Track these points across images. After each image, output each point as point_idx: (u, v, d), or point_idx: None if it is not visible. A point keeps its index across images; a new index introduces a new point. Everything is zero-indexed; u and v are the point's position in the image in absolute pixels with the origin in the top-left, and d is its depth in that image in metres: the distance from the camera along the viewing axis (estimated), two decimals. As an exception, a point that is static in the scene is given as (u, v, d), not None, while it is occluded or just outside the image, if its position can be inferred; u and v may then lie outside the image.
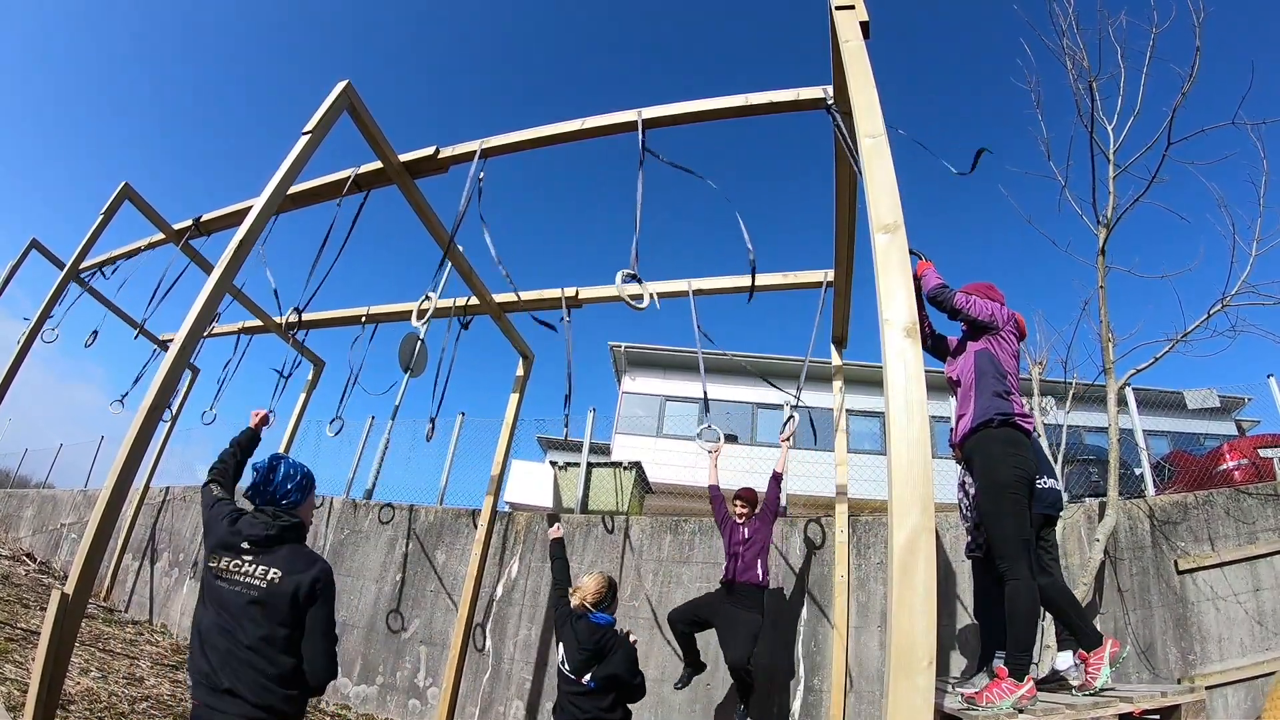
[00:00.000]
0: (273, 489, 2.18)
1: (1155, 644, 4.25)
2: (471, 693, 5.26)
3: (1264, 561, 4.35)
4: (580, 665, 3.16)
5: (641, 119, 3.11)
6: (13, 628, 5.09)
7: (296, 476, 2.23)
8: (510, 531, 5.86)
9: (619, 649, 3.20)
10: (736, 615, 3.92)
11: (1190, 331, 4.81)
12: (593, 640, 3.18)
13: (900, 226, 1.74)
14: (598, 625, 3.23)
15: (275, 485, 2.19)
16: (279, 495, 2.18)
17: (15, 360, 5.31)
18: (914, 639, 1.29)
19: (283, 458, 2.28)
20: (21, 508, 12.52)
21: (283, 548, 2.09)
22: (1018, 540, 2.63)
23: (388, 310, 5.29)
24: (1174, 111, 4.84)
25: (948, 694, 2.79)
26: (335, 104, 3.22)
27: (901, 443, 1.45)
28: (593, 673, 3.13)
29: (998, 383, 2.87)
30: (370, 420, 7.89)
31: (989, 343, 2.99)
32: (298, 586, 2.00)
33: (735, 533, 4.17)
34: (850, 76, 2.10)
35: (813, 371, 3.82)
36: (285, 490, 2.19)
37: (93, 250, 5.37)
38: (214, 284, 2.78)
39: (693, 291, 4.29)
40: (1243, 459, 5.94)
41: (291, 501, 2.20)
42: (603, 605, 3.29)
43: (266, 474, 2.20)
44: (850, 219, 3.39)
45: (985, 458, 2.78)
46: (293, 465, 2.26)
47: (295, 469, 2.25)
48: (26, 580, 7.80)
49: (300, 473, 2.25)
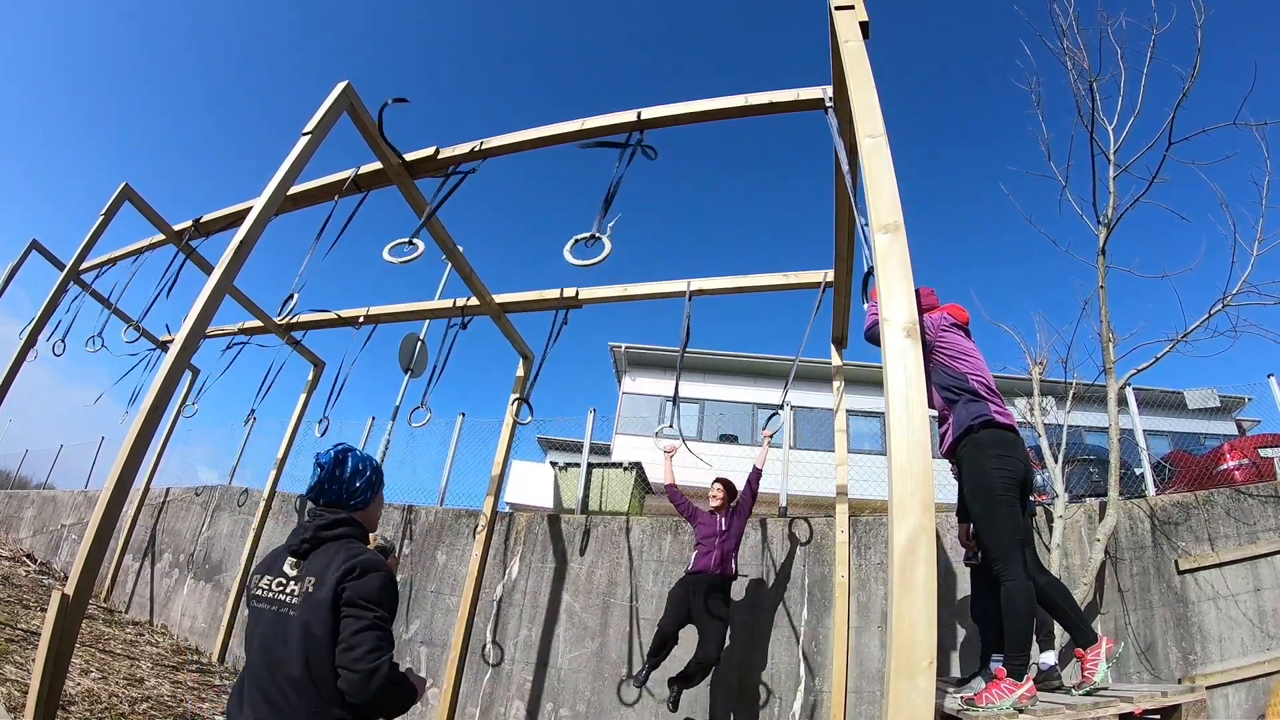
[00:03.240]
0: (339, 487, 1.83)
1: (1156, 644, 4.25)
2: (472, 693, 5.26)
3: (1264, 561, 4.35)
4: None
5: (641, 119, 3.11)
6: (13, 628, 5.08)
7: (367, 472, 1.88)
8: (510, 532, 5.86)
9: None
10: (715, 611, 3.93)
11: (1191, 331, 4.81)
12: None
13: (900, 226, 1.74)
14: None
15: (344, 482, 1.83)
16: (346, 494, 1.83)
17: (15, 362, 5.31)
18: (914, 639, 1.29)
19: (351, 450, 1.91)
20: (22, 509, 12.52)
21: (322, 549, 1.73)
22: (1011, 541, 2.62)
23: (387, 311, 5.29)
24: (1175, 111, 4.85)
25: (948, 694, 2.78)
26: (335, 104, 3.22)
27: (901, 443, 1.45)
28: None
29: (961, 391, 2.86)
30: (370, 421, 7.90)
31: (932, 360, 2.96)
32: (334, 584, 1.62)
33: (708, 523, 4.16)
34: (850, 77, 2.10)
35: (813, 371, 3.82)
36: (354, 488, 1.85)
37: (93, 251, 5.37)
38: (214, 285, 2.78)
39: (691, 292, 4.30)
40: (1243, 459, 5.94)
41: (361, 501, 1.87)
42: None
43: (333, 469, 1.83)
44: (850, 219, 3.39)
45: (971, 463, 2.78)
46: (362, 459, 1.91)
47: (365, 463, 1.90)
48: (27, 581, 7.80)
49: (370, 467, 1.91)
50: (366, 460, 1.91)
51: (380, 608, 1.62)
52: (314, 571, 1.67)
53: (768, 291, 4.31)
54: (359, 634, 1.56)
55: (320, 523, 1.76)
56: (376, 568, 1.67)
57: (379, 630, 1.59)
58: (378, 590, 1.63)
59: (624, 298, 4.66)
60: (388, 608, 1.65)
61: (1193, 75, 4.84)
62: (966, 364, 2.93)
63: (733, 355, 14.07)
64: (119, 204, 5.20)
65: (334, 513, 1.80)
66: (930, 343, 2.97)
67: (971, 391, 2.84)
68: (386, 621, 1.63)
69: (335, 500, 1.83)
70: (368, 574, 1.64)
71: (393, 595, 1.69)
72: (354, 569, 1.64)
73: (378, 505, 1.96)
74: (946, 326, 3.03)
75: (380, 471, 1.96)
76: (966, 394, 2.85)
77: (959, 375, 2.89)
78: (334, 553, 1.70)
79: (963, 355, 2.96)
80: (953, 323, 3.07)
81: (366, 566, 1.65)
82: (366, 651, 1.54)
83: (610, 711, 4.87)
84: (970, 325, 3.18)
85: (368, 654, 1.54)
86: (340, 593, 1.61)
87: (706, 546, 4.09)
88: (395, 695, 1.61)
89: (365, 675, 1.52)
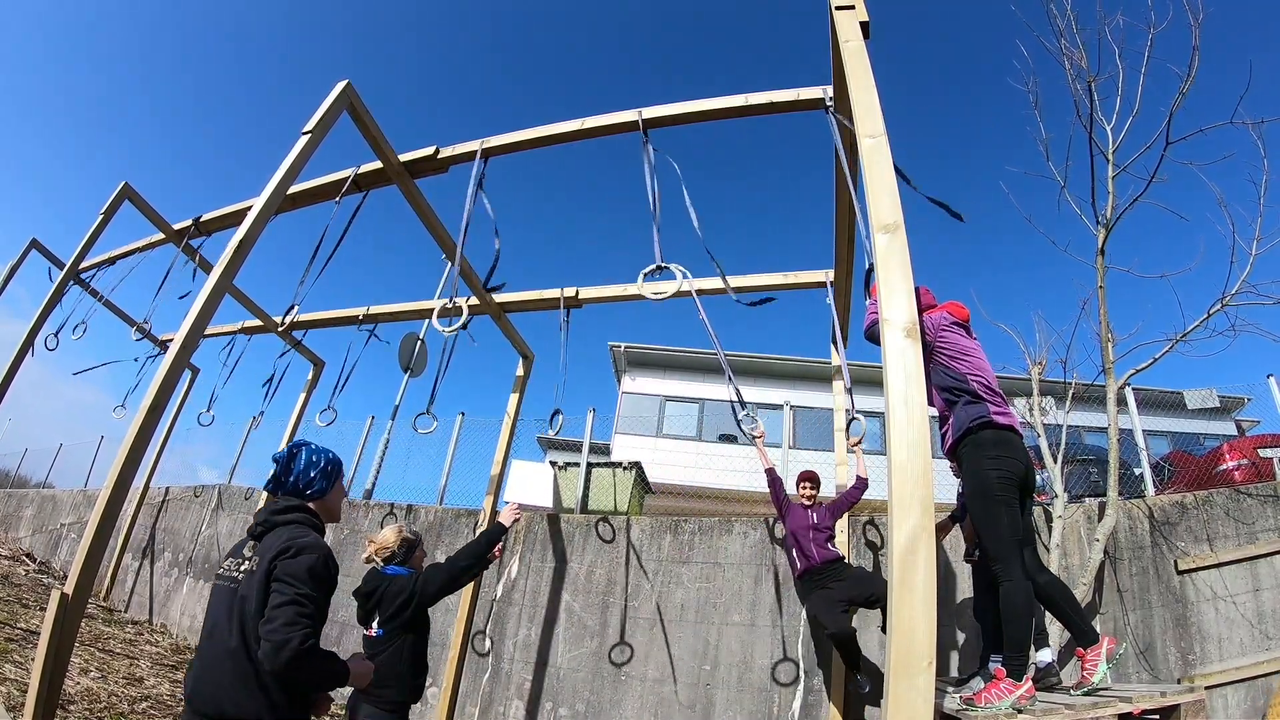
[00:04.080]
0: (294, 479, 1.96)
1: (1155, 644, 4.25)
2: (471, 692, 5.26)
3: (1264, 561, 4.35)
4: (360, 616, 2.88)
5: (642, 119, 3.11)
6: (12, 628, 5.08)
7: (320, 463, 2.01)
8: (510, 531, 5.85)
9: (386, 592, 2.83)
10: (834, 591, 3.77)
11: (1190, 331, 4.81)
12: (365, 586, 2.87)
13: (900, 226, 1.74)
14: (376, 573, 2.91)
15: (297, 475, 1.97)
16: (302, 485, 1.96)
17: (15, 360, 5.31)
18: (914, 639, 1.29)
19: (305, 444, 2.04)
20: (21, 508, 12.52)
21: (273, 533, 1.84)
22: (1010, 541, 2.62)
23: (386, 310, 5.30)
24: (1173, 111, 4.85)
25: (947, 694, 2.79)
26: (335, 104, 3.22)
27: (901, 443, 1.45)
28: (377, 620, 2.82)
29: (961, 393, 2.86)
30: (370, 420, 7.90)
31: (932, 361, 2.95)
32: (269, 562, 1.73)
33: (801, 515, 4.06)
34: (850, 77, 2.10)
35: (813, 371, 3.83)
36: (309, 479, 1.97)
37: (93, 250, 5.38)
38: (213, 284, 2.78)
39: (695, 291, 4.29)
40: (1242, 459, 5.95)
41: (317, 490, 1.98)
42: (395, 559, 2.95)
43: (286, 463, 1.98)
44: (850, 219, 3.39)
45: (970, 463, 2.77)
46: (316, 451, 2.04)
47: (319, 455, 2.02)
48: (26, 580, 7.79)
49: (325, 459, 2.03)
50: (321, 453, 2.03)
51: (305, 586, 1.70)
52: (261, 552, 1.79)
53: (767, 291, 4.31)
54: (278, 608, 1.66)
55: (274, 509, 1.90)
56: (311, 550, 1.76)
57: (298, 606, 1.66)
58: (305, 570, 1.72)
59: (624, 297, 4.67)
60: (313, 588, 1.72)
61: (1190, 75, 4.84)
62: (967, 364, 2.91)
63: (732, 355, 14.07)
64: (119, 203, 5.21)
65: (289, 501, 1.92)
66: (930, 343, 2.95)
67: (971, 392, 2.83)
68: (310, 600, 1.70)
69: (292, 491, 1.95)
70: (301, 554, 1.74)
71: (324, 577, 1.77)
72: (289, 548, 1.74)
73: (337, 494, 2.06)
74: (946, 325, 3.01)
75: (336, 463, 2.07)
76: (966, 395, 2.84)
77: (959, 376, 2.88)
78: (280, 535, 1.81)
79: (963, 355, 2.94)
80: (953, 321, 3.04)
81: (301, 548, 1.75)
82: (281, 624, 1.63)
83: (609, 710, 4.87)
84: (970, 321, 3.16)
85: (282, 626, 1.63)
86: (273, 569, 1.72)
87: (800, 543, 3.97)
88: (310, 671, 1.69)
89: (276, 646, 1.61)
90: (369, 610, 2.89)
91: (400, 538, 3.01)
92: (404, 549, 3.00)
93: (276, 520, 1.88)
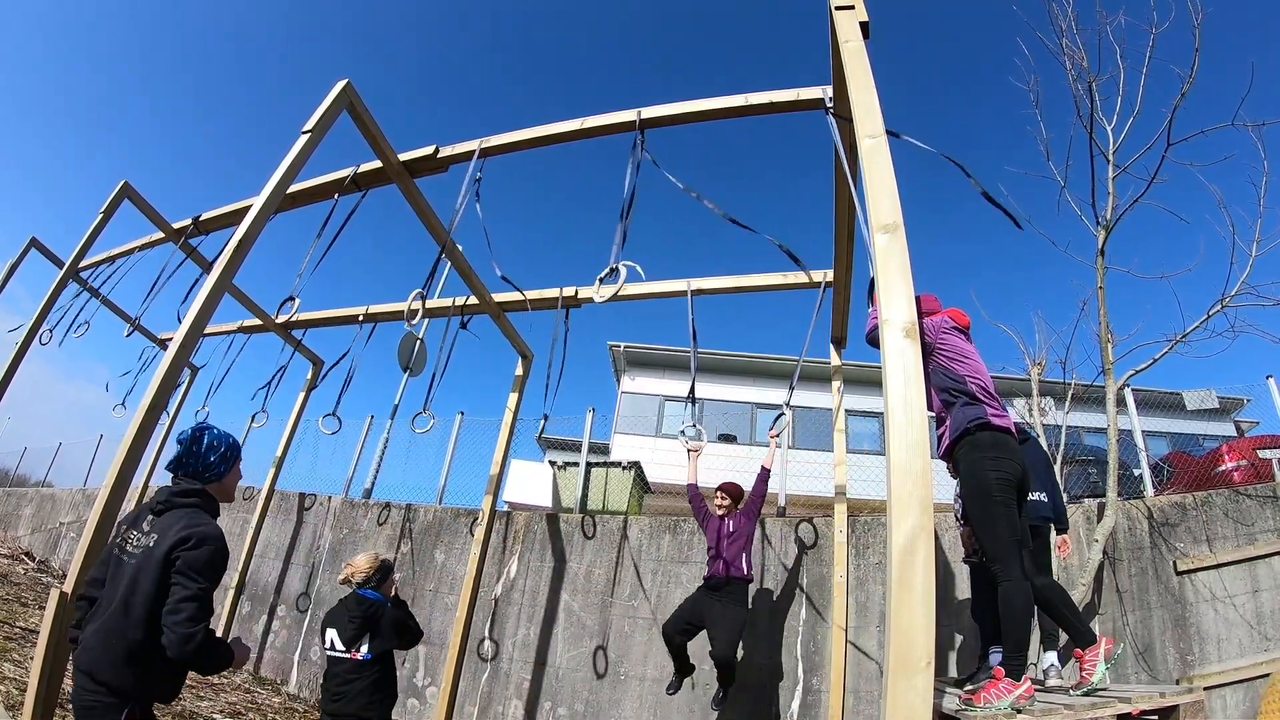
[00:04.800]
0: (195, 460, 2.07)
1: (1154, 645, 4.25)
2: (470, 692, 5.26)
3: (1262, 562, 4.35)
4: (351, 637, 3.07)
5: (641, 119, 3.11)
6: (11, 626, 5.08)
7: (221, 448, 2.11)
8: (509, 531, 5.86)
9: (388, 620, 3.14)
10: (725, 611, 3.91)
11: (1189, 332, 4.82)
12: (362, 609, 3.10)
13: (900, 226, 1.74)
14: (365, 597, 3.16)
15: (199, 457, 2.08)
16: (202, 468, 2.07)
17: (14, 360, 5.31)
18: (913, 639, 1.29)
19: (207, 428, 2.15)
20: (20, 506, 12.51)
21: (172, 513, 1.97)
22: (1009, 541, 2.63)
23: (385, 309, 5.29)
24: (1173, 112, 4.85)
25: (946, 695, 2.79)
26: (335, 103, 3.22)
27: (900, 443, 1.45)
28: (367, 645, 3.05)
29: (959, 394, 2.88)
30: (369, 419, 7.89)
31: (932, 362, 2.98)
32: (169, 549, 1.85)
33: (720, 527, 4.15)
34: (850, 77, 2.09)
35: (813, 372, 3.83)
36: (209, 462, 2.08)
37: (92, 249, 5.37)
38: (213, 283, 2.78)
39: (691, 291, 4.30)
40: (1242, 460, 5.94)
41: (215, 474, 2.09)
42: (370, 584, 3.20)
43: (189, 445, 2.08)
44: (849, 219, 3.39)
45: (968, 464, 2.79)
46: (218, 436, 2.14)
47: (220, 439, 2.13)
48: (25, 579, 7.79)
49: (225, 443, 2.13)
50: (222, 437, 2.15)
51: (204, 580, 1.87)
52: (160, 530, 1.92)
53: (768, 291, 4.31)
54: (184, 601, 1.82)
55: (175, 490, 2.03)
56: (210, 541, 1.91)
57: (199, 601, 1.85)
58: (205, 563, 1.88)
59: (624, 297, 4.66)
60: (210, 579, 1.90)
61: (1191, 76, 4.85)
62: (965, 366, 2.94)
63: (733, 355, 14.07)
64: (118, 202, 5.20)
65: (190, 483, 2.05)
66: (930, 344, 2.99)
67: (969, 394, 2.86)
68: (208, 592, 1.88)
69: (192, 473, 2.07)
70: (201, 546, 1.88)
71: (220, 566, 1.94)
72: (190, 538, 1.87)
73: (233, 478, 2.19)
74: (947, 329, 3.05)
75: (236, 447, 2.19)
76: (964, 396, 2.86)
77: (958, 378, 2.90)
78: (179, 518, 1.94)
79: (962, 358, 2.97)
80: (953, 326, 3.09)
81: (202, 539, 1.89)
82: (186, 619, 1.81)
83: (608, 710, 4.87)
84: (970, 329, 3.20)
85: (187, 620, 1.81)
86: (174, 558, 1.85)
87: (714, 553, 4.09)
88: (210, 659, 1.90)
89: (183, 639, 1.80)
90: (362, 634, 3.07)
91: (376, 565, 3.24)
92: (378, 574, 3.23)
93: (176, 502, 2.01)
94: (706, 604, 4.00)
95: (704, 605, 4.01)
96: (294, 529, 6.94)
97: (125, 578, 1.88)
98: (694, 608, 4.05)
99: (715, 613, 3.93)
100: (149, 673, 1.87)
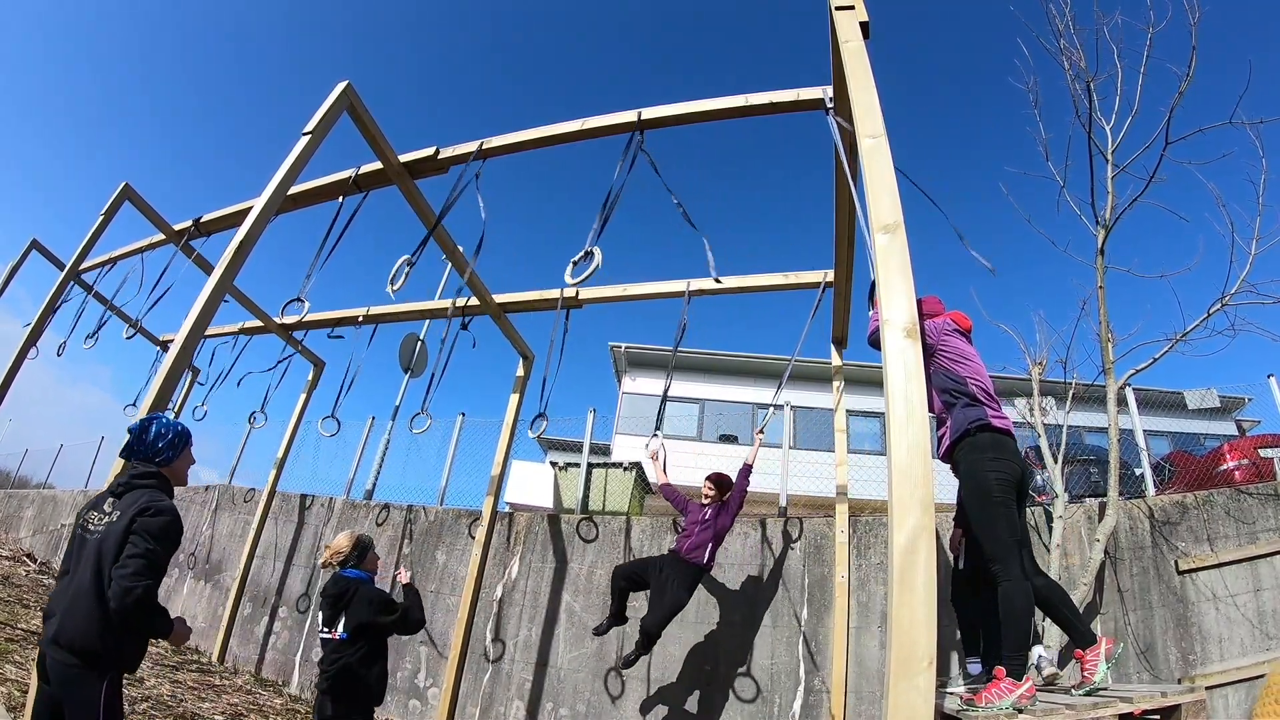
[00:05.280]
0: (145, 447, 2.26)
1: (1155, 644, 4.25)
2: (472, 693, 5.26)
3: (1264, 562, 4.35)
4: (329, 617, 3.14)
5: (641, 119, 3.11)
6: (13, 628, 5.08)
7: (169, 435, 2.31)
8: (510, 532, 5.86)
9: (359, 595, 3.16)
10: (669, 589, 3.96)
11: (1190, 331, 4.81)
12: (336, 588, 3.16)
13: (900, 226, 1.74)
14: (343, 576, 3.23)
15: (148, 444, 2.27)
16: (151, 454, 2.26)
17: (15, 362, 5.31)
18: (914, 639, 1.29)
19: (156, 418, 2.35)
20: (22, 508, 12.52)
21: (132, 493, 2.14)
22: (1009, 541, 2.63)
23: (386, 311, 5.30)
24: (1171, 111, 4.85)
25: (947, 694, 2.78)
26: (335, 104, 3.22)
27: (901, 443, 1.46)
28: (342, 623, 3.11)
29: (960, 395, 2.89)
30: (370, 421, 7.89)
31: (934, 363, 2.99)
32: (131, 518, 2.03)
33: (696, 511, 4.21)
34: (850, 77, 2.10)
35: (813, 371, 3.83)
36: (158, 448, 2.27)
37: (93, 250, 5.38)
38: (214, 285, 2.79)
39: (690, 292, 4.31)
40: (1243, 459, 5.94)
41: (165, 459, 2.28)
42: (350, 563, 3.27)
43: (139, 434, 2.28)
44: (850, 219, 3.39)
45: (967, 465, 2.80)
46: (165, 424, 2.33)
47: (168, 428, 2.32)
48: (27, 581, 7.79)
49: (173, 431, 2.32)
50: (169, 425, 2.34)
51: (156, 543, 2.02)
52: (121, 508, 2.10)
53: (768, 291, 4.32)
54: (132, 557, 1.97)
55: (135, 473, 2.21)
56: (167, 512, 2.09)
57: (148, 560, 1.99)
58: (160, 528, 2.05)
59: (624, 298, 4.67)
60: (163, 545, 2.05)
61: (1189, 74, 4.85)
62: (966, 368, 2.95)
63: (732, 355, 14.06)
64: (119, 204, 5.21)
65: (146, 467, 2.24)
66: (932, 345, 2.99)
67: (970, 395, 2.86)
68: (159, 557, 2.03)
69: (143, 458, 2.25)
70: (159, 515, 2.07)
71: (175, 535, 2.11)
72: (150, 508, 2.07)
73: (183, 462, 2.37)
74: (949, 332, 3.06)
75: (184, 434, 2.37)
76: (965, 398, 2.87)
77: (959, 379, 2.91)
78: (140, 495, 2.13)
79: (963, 359, 2.98)
80: (955, 328, 3.10)
81: (160, 510, 2.08)
82: (131, 572, 1.94)
83: (609, 711, 4.87)
84: (972, 331, 3.21)
85: (132, 574, 1.94)
86: (133, 524, 2.02)
87: (688, 531, 4.15)
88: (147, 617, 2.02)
89: (124, 589, 1.92)
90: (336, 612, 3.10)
91: (353, 542, 3.29)
92: (357, 553, 3.29)
93: (136, 483, 2.18)
94: (663, 575, 4.05)
95: (659, 572, 4.08)
96: (295, 530, 6.94)
97: (90, 552, 2.04)
98: (652, 568, 4.14)
99: (663, 587, 4.00)
100: (120, 641, 2.01)
